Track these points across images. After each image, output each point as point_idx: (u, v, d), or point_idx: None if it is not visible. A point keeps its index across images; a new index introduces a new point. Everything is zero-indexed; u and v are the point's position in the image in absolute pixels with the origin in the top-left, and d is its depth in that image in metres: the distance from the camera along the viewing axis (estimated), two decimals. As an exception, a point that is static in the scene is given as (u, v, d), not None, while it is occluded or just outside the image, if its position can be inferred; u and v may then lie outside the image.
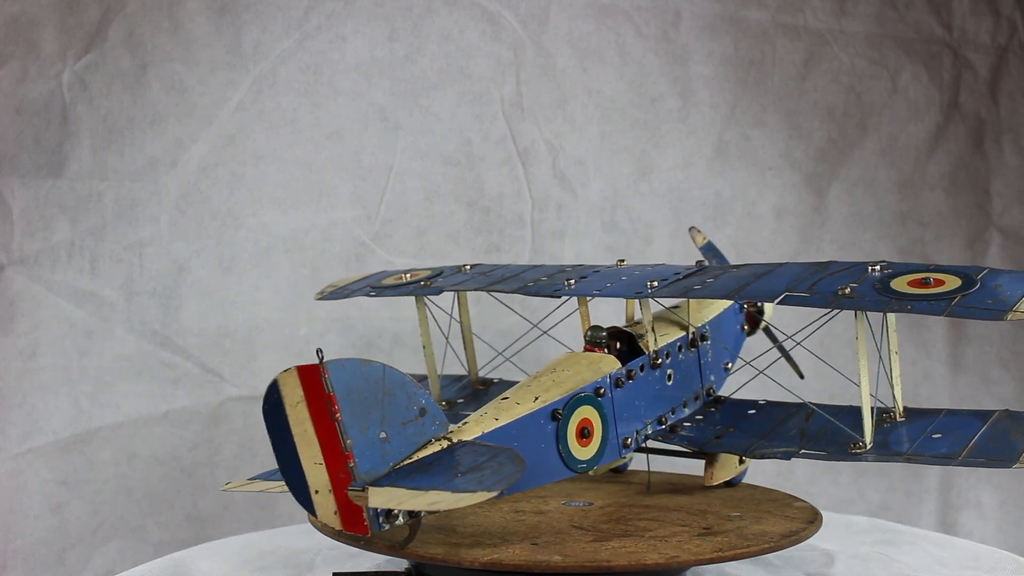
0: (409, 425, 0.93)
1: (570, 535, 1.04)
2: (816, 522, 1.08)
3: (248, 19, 1.70)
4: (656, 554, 0.96)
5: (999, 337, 1.85)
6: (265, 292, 1.70)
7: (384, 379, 0.91)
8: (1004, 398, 1.83)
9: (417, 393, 0.94)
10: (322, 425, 0.88)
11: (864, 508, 1.78)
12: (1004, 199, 1.88)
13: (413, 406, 0.93)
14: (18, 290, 1.61)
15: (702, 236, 1.40)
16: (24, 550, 1.60)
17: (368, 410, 0.90)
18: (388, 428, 0.91)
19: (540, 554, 0.96)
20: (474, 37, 1.77)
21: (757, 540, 1.00)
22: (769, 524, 1.06)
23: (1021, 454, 0.93)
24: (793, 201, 1.84)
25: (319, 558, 1.24)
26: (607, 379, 1.10)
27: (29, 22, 1.61)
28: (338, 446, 0.88)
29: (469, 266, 1.32)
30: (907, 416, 1.05)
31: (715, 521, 1.07)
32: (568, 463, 1.05)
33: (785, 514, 1.10)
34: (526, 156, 1.78)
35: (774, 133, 1.85)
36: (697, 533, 1.02)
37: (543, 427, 1.03)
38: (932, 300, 0.92)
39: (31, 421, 1.61)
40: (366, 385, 0.90)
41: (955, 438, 0.99)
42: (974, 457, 0.95)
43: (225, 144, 1.69)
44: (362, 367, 0.90)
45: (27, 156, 1.62)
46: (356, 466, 0.88)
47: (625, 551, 0.97)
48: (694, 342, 1.20)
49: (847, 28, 1.86)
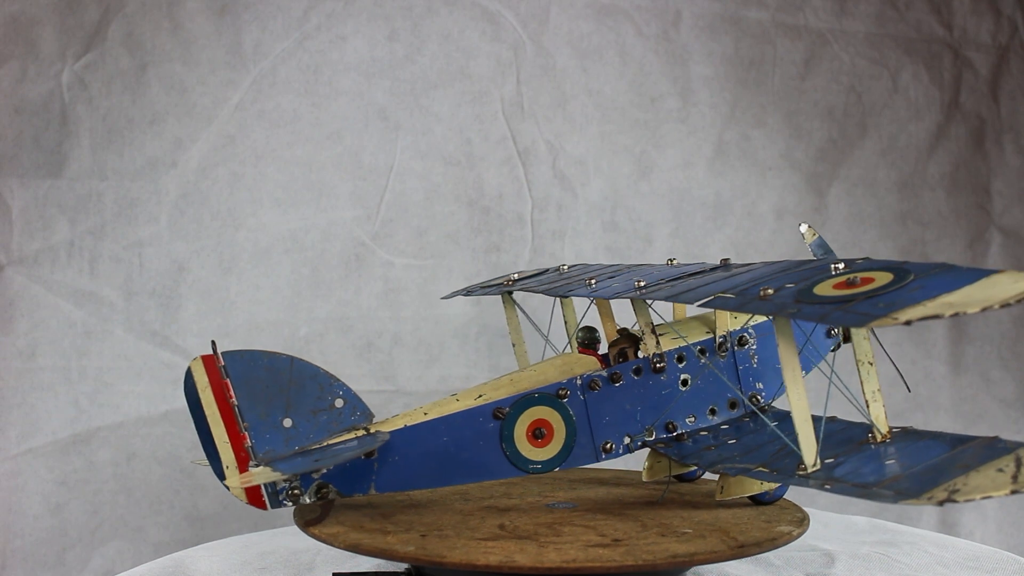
0: (321, 414, 1.02)
1: (480, 532, 1.02)
2: (726, 552, 0.96)
3: (248, 19, 1.70)
4: (522, 555, 0.94)
5: (1000, 337, 1.85)
6: (265, 292, 1.70)
7: (292, 370, 1.02)
8: (1004, 398, 1.83)
9: (333, 385, 1.03)
10: (224, 409, 1.00)
11: (864, 508, 1.78)
12: (1005, 199, 1.88)
13: (327, 396, 1.03)
14: (18, 290, 1.61)
15: (812, 232, 1.25)
16: (24, 550, 1.60)
17: (270, 397, 1.00)
18: (294, 415, 1.01)
19: (428, 546, 0.96)
20: (474, 37, 1.77)
21: (636, 557, 0.94)
22: (679, 545, 0.97)
23: (928, 490, 0.81)
24: (793, 201, 1.84)
25: (319, 558, 1.23)
26: (575, 381, 1.09)
27: (29, 22, 1.61)
28: (237, 428, 0.99)
29: (567, 266, 1.30)
30: (894, 437, 0.96)
31: (638, 534, 1.00)
32: (516, 463, 1.07)
33: (723, 537, 1.00)
34: (526, 156, 1.78)
35: (774, 133, 1.85)
36: (596, 543, 0.98)
37: (482, 425, 1.06)
38: (830, 303, 0.84)
39: (31, 421, 1.61)
40: (268, 375, 1.01)
41: (901, 465, 0.89)
42: (886, 489, 0.85)
43: (225, 144, 1.69)
44: (265, 358, 1.01)
45: (27, 156, 1.62)
46: (253, 447, 0.99)
47: (485, 551, 0.96)
48: (723, 346, 1.14)
49: (847, 28, 1.86)
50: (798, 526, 1.04)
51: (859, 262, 0.89)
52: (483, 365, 1.71)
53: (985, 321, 1.85)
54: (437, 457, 1.06)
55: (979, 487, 0.79)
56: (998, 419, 1.83)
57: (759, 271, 0.99)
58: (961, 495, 0.79)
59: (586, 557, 0.94)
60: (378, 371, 1.72)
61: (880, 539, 1.33)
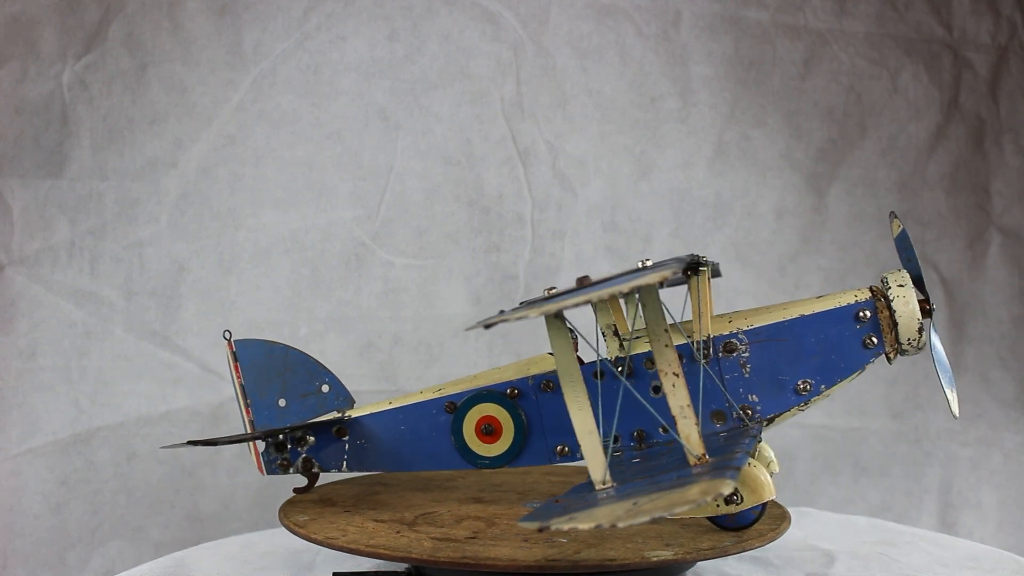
0: (309, 397, 1.20)
1: (435, 526, 1.08)
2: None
3: (248, 19, 1.70)
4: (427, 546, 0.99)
5: (999, 337, 1.85)
6: (265, 292, 1.70)
7: (287, 357, 1.21)
8: (1004, 398, 1.83)
9: (320, 372, 1.21)
10: (239, 387, 1.21)
11: (864, 508, 1.78)
12: (1004, 199, 1.88)
13: (315, 382, 1.20)
14: (18, 290, 1.61)
15: (897, 224, 1.17)
16: (24, 550, 1.60)
17: (268, 380, 1.20)
18: (287, 396, 1.20)
19: (375, 539, 1.03)
20: (474, 37, 1.77)
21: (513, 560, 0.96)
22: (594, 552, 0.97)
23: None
24: (793, 201, 1.84)
25: (319, 558, 1.23)
26: (527, 381, 1.10)
27: (29, 22, 1.61)
28: (245, 402, 1.21)
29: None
30: (707, 461, 0.89)
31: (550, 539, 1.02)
32: (465, 456, 1.14)
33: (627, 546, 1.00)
34: (526, 156, 1.78)
35: (774, 133, 1.85)
36: (523, 541, 1.01)
37: (435, 417, 1.15)
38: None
39: (31, 421, 1.61)
40: (268, 360, 1.21)
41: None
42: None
43: (225, 144, 1.69)
44: (267, 346, 1.21)
45: (27, 156, 1.62)
46: (253, 420, 1.21)
47: (407, 541, 1.01)
48: (705, 354, 1.05)
49: (847, 28, 1.86)
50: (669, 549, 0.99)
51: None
52: (483, 365, 1.71)
53: (985, 321, 1.85)
54: (396, 443, 1.17)
55: (656, 508, 0.74)
56: (997, 419, 1.83)
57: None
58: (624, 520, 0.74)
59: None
60: (378, 371, 1.72)
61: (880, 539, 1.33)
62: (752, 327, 1.06)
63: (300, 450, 1.20)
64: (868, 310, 1.05)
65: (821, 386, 1.04)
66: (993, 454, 1.83)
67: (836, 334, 1.04)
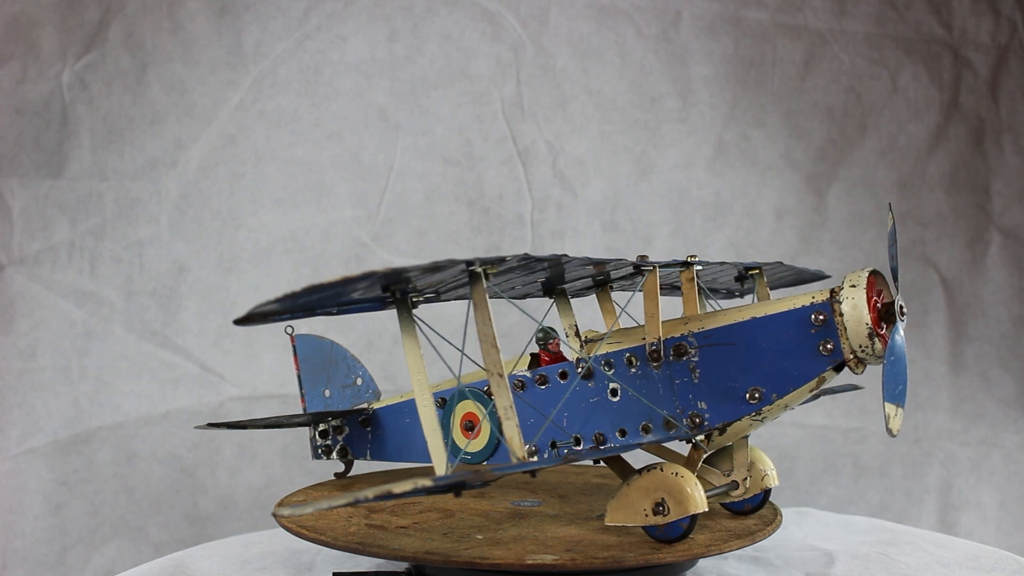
0: (347, 389, 1.31)
1: (411, 521, 1.12)
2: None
3: (248, 19, 1.70)
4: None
5: (999, 337, 1.85)
6: (265, 292, 1.70)
7: (331, 352, 1.32)
8: (1004, 398, 1.83)
9: (355, 367, 1.32)
10: (297, 377, 1.33)
11: (864, 508, 1.78)
12: (1004, 199, 1.88)
13: (352, 375, 1.32)
14: (18, 290, 1.61)
15: (890, 217, 1.00)
16: (24, 550, 1.60)
17: (317, 371, 1.31)
18: (331, 387, 1.32)
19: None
20: (474, 37, 1.77)
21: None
22: (499, 551, 0.98)
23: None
24: (793, 201, 1.84)
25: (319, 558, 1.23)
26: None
27: (29, 22, 1.61)
28: (301, 392, 1.32)
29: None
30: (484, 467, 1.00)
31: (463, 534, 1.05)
32: (453, 451, 1.14)
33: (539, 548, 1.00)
34: (526, 156, 1.78)
35: (774, 133, 1.85)
36: (442, 532, 1.05)
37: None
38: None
39: (31, 421, 1.61)
40: (317, 354, 1.32)
41: None
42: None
43: (225, 144, 1.69)
44: (317, 341, 1.32)
45: (27, 156, 1.62)
46: (306, 408, 1.32)
47: (364, 534, 1.05)
48: (656, 355, 0.99)
49: (847, 28, 1.86)
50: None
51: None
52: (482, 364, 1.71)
53: (985, 321, 1.85)
54: (403, 435, 1.23)
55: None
56: (997, 419, 1.83)
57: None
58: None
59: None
60: (378, 371, 1.71)
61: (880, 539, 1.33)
62: (703, 330, 0.98)
63: (339, 438, 1.29)
64: (823, 313, 0.94)
65: (772, 395, 0.95)
66: (993, 454, 1.83)
67: (788, 339, 0.95)
